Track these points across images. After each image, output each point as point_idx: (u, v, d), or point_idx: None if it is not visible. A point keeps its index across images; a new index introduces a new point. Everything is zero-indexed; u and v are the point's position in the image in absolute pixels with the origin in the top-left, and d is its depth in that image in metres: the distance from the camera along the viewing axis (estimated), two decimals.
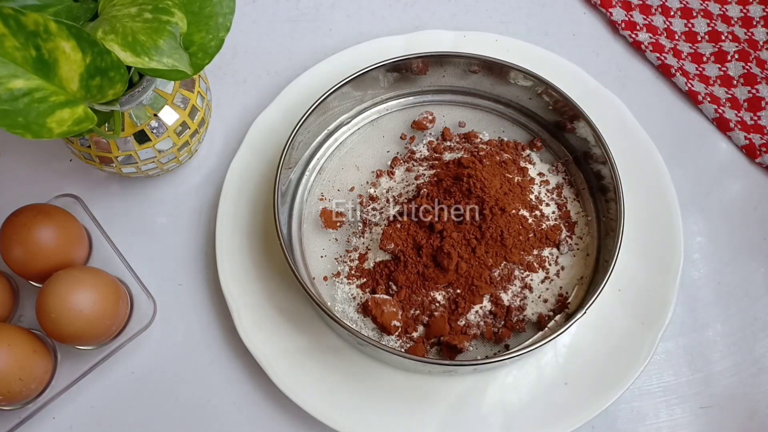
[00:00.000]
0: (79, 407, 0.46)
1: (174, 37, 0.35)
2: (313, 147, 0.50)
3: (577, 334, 0.45)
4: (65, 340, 0.42)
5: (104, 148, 0.44)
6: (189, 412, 0.46)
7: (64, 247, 0.44)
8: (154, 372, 0.47)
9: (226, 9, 0.40)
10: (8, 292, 0.45)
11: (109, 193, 0.51)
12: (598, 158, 0.47)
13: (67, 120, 0.34)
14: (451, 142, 0.50)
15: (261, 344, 0.45)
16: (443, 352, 0.44)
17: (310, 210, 0.49)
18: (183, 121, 0.45)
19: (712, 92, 0.55)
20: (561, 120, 0.49)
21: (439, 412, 0.43)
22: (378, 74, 0.49)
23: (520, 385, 0.44)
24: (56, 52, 0.32)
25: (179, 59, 0.35)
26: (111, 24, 0.35)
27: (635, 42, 0.56)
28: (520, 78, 0.48)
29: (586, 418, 0.43)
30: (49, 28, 0.31)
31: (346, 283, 0.46)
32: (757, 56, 0.56)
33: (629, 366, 0.44)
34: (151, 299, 0.46)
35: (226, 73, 0.56)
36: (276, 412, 0.46)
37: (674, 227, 0.47)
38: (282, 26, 0.58)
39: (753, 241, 0.51)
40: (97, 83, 0.34)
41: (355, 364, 0.45)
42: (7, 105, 0.32)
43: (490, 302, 0.45)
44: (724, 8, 0.58)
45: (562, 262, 0.46)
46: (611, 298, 0.46)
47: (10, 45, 0.31)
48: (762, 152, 0.53)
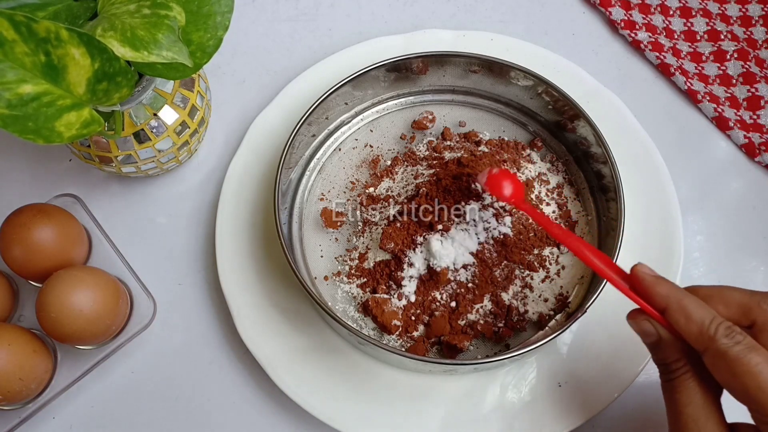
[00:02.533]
0: (79, 407, 0.46)
1: (172, 30, 0.35)
2: (313, 147, 0.50)
3: (577, 333, 0.45)
4: (65, 340, 0.42)
5: (104, 147, 0.44)
6: (189, 412, 0.46)
7: (64, 246, 0.44)
8: (154, 372, 0.47)
9: (224, 8, 0.40)
10: (8, 292, 0.45)
11: (109, 193, 0.51)
12: (599, 158, 0.47)
13: (74, 123, 0.34)
14: (451, 141, 0.50)
15: (261, 344, 0.45)
16: (443, 351, 0.44)
17: (311, 210, 0.49)
18: (183, 120, 0.45)
19: (711, 91, 0.55)
20: (561, 119, 0.49)
21: (439, 411, 0.43)
22: (378, 74, 0.49)
23: (520, 384, 0.44)
24: (66, 59, 0.33)
25: (178, 52, 0.35)
26: (110, 21, 0.35)
27: (634, 41, 0.56)
28: (520, 77, 0.48)
29: (586, 417, 0.43)
30: (60, 35, 0.32)
31: (347, 282, 0.46)
32: (756, 55, 0.56)
33: (630, 365, 0.44)
34: (151, 299, 0.46)
35: (225, 73, 0.56)
36: (276, 411, 0.46)
37: (674, 226, 0.47)
38: (282, 26, 0.58)
39: (752, 240, 0.51)
40: (103, 87, 0.35)
41: (356, 363, 0.45)
42: (18, 110, 0.32)
43: (490, 302, 0.45)
44: (723, 7, 0.58)
45: (563, 262, 0.46)
46: (611, 297, 0.45)
47: (20, 51, 0.31)
48: (761, 151, 0.53)
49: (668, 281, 0.35)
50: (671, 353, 0.34)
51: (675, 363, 0.34)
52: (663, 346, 0.34)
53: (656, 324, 0.34)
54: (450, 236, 0.44)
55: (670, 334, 0.34)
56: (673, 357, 0.34)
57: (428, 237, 0.44)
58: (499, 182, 0.42)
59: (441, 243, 0.44)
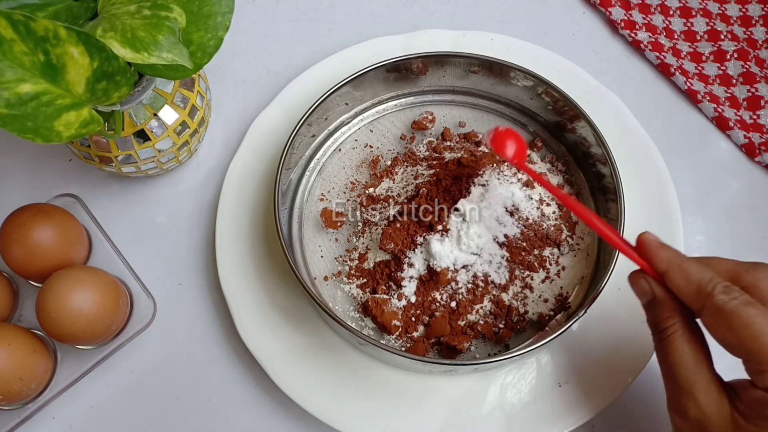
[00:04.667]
0: (79, 407, 0.46)
1: (173, 32, 0.35)
2: (313, 147, 0.50)
3: (577, 333, 0.45)
4: (65, 340, 0.42)
5: (104, 147, 0.44)
6: (189, 412, 0.46)
7: (63, 246, 0.44)
8: (154, 372, 0.47)
9: (225, 8, 0.40)
10: (8, 292, 0.45)
11: (109, 192, 0.51)
12: (599, 158, 0.47)
13: (73, 123, 0.34)
14: (451, 142, 0.50)
15: (261, 344, 0.45)
16: (443, 352, 0.44)
17: (311, 210, 0.49)
18: (183, 120, 0.45)
19: (712, 91, 0.55)
20: (561, 120, 0.49)
21: (439, 411, 0.43)
22: (378, 74, 0.49)
23: (520, 384, 0.44)
24: (64, 58, 0.32)
25: (179, 54, 0.35)
26: (110, 22, 0.35)
27: (634, 41, 0.56)
28: (521, 78, 0.48)
29: (586, 417, 0.43)
30: (58, 34, 0.32)
31: (347, 282, 0.46)
32: (756, 55, 0.56)
33: (629, 365, 0.44)
34: (151, 299, 0.46)
35: (225, 73, 0.56)
36: (276, 411, 0.46)
37: (674, 226, 0.47)
38: (282, 26, 0.58)
39: (753, 240, 0.51)
40: (103, 87, 0.35)
41: (356, 363, 0.45)
42: (16, 110, 0.32)
43: (490, 302, 0.45)
44: (723, 7, 0.58)
45: (563, 262, 0.46)
46: (611, 297, 0.45)
47: (19, 50, 0.31)
48: (761, 151, 0.53)
49: (671, 247, 0.36)
50: (663, 312, 0.36)
51: (666, 321, 0.35)
52: (656, 305, 0.36)
53: (652, 282, 0.36)
54: (451, 235, 0.44)
55: (664, 293, 0.36)
56: (664, 315, 0.35)
57: (428, 237, 0.44)
58: (504, 141, 0.43)
59: (441, 243, 0.44)
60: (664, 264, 0.35)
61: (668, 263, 0.35)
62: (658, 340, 0.36)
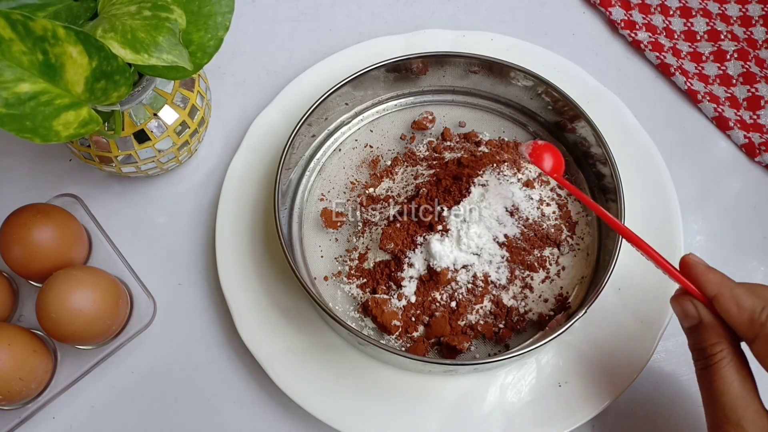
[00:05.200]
0: (79, 407, 0.46)
1: (173, 33, 0.35)
2: (313, 147, 0.50)
3: (577, 333, 0.45)
4: (65, 340, 0.42)
5: (104, 147, 0.44)
6: (189, 412, 0.46)
7: (63, 246, 0.44)
8: (154, 372, 0.47)
9: (225, 8, 0.40)
10: (8, 292, 0.45)
11: (109, 192, 0.51)
12: (599, 158, 0.47)
13: (72, 122, 0.34)
14: (451, 142, 0.50)
15: (261, 344, 0.45)
16: (443, 352, 0.44)
17: (311, 210, 0.49)
18: (183, 120, 0.45)
19: (712, 91, 0.55)
20: (561, 120, 0.49)
21: (439, 411, 0.43)
22: (378, 74, 0.49)
23: (520, 384, 0.44)
24: (63, 57, 0.32)
25: (179, 55, 0.35)
26: (111, 22, 0.35)
27: (634, 41, 0.56)
28: (521, 78, 0.48)
29: (585, 417, 0.43)
30: (57, 33, 0.32)
31: (347, 282, 0.46)
32: (756, 55, 0.56)
33: (629, 365, 0.44)
34: (151, 299, 0.46)
35: (225, 73, 0.56)
36: (276, 411, 0.46)
37: (674, 226, 0.47)
38: (282, 26, 0.58)
39: (753, 240, 0.51)
40: (101, 86, 0.35)
41: (356, 363, 0.45)
42: (15, 109, 0.32)
43: (490, 302, 0.45)
44: (723, 7, 0.58)
45: (563, 262, 0.46)
46: (611, 297, 0.46)
47: (18, 50, 0.31)
48: (761, 151, 0.53)
49: (719, 271, 0.35)
50: (710, 337, 0.34)
51: (713, 347, 0.34)
52: (702, 330, 0.34)
53: (699, 306, 0.35)
54: (452, 236, 0.44)
55: (712, 318, 0.34)
56: (711, 341, 0.34)
57: (428, 237, 0.44)
58: (542, 154, 0.43)
59: (441, 243, 0.44)
60: (715, 288, 0.34)
61: (719, 287, 0.34)
62: (703, 366, 0.34)
